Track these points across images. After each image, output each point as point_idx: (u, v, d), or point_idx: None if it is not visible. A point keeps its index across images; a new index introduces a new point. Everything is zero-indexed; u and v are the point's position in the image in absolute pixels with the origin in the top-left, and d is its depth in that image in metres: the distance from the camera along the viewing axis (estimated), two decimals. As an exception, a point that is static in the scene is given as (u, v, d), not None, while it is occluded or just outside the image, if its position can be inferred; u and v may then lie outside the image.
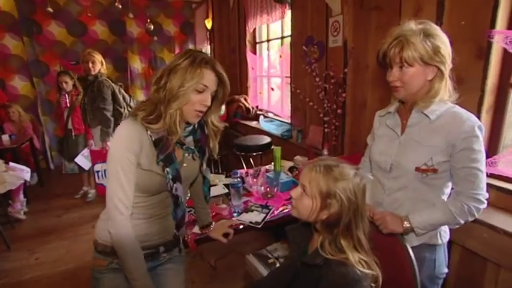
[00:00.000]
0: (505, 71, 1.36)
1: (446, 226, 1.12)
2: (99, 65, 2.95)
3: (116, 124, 2.90)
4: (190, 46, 5.17)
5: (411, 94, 1.05)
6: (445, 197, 1.09)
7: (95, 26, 4.65)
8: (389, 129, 1.18)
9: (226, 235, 1.35)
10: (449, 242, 1.16)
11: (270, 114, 3.73)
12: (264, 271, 1.77)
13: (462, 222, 1.02)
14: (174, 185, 1.00)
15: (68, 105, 3.34)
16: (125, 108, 2.99)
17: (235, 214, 1.58)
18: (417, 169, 1.04)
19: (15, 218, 3.04)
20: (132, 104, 3.11)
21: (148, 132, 0.96)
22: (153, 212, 1.05)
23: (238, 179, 1.58)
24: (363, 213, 0.93)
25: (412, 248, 1.06)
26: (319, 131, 2.52)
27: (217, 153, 1.17)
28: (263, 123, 3.49)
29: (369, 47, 2.01)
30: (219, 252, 2.38)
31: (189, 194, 1.50)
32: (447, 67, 1.00)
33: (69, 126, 3.37)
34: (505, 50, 1.31)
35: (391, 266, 1.03)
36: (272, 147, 2.92)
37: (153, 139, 0.96)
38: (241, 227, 1.49)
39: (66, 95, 3.35)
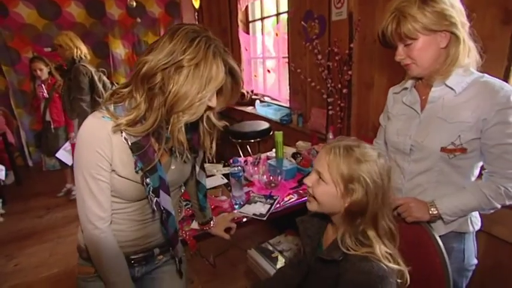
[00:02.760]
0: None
1: (477, 212, 1.05)
2: (69, 49, 2.73)
3: None
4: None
5: (425, 68, 0.98)
6: (473, 179, 1.02)
7: (69, 7, 4.42)
8: (406, 107, 1.11)
9: (228, 230, 1.27)
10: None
11: (267, 99, 3.63)
12: (267, 266, 1.71)
13: (499, 206, 0.96)
14: (156, 198, 0.84)
15: (46, 95, 3.16)
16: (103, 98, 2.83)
17: (236, 206, 1.50)
18: (443, 149, 0.97)
19: (-10, 220, 2.92)
20: None
21: (123, 134, 0.79)
22: (138, 217, 0.92)
23: (239, 167, 1.48)
24: (389, 200, 0.86)
25: (439, 237, 0.99)
26: (322, 114, 2.44)
27: (211, 153, 0.99)
28: (259, 108, 3.40)
29: (376, 20, 1.91)
30: (218, 248, 2.31)
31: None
32: (461, 28, 0.91)
33: (47, 118, 3.21)
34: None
35: (417, 258, 0.96)
36: (271, 133, 2.83)
37: (130, 143, 0.80)
38: (244, 220, 1.42)
39: (43, 85, 3.17)
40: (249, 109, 3.61)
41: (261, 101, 3.59)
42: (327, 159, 0.83)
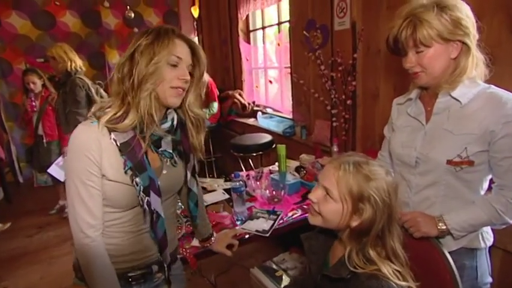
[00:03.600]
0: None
1: (488, 227, 1.08)
2: (62, 62, 2.77)
3: None
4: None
5: (434, 78, 1.01)
6: (482, 193, 1.05)
7: (64, 17, 4.55)
8: (411, 118, 1.14)
9: (230, 247, 1.30)
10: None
11: (269, 110, 3.69)
12: (271, 286, 1.72)
13: (510, 221, 0.98)
14: (147, 198, 0.89)
15: (35, 109, 3.23)
16: None
17: (238, 222, 1.53)
18: (449, 162, 1.00)
19: (-22, 240, 2.94)
20: None
21: (112, 135, 0.86)
22: (133, 228, 0.95)
23: (241, 182, 1.52)
24: (396, 217, 0.88)
25: (449, 253, 1.01)
26: (326, 126, 2.48)
27: (204, 154, 1.08)
28: (261, 120, 3.45)
29: (379, 29, 1.98)
30: (219, 267, 2.32)
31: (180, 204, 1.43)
32: (473, 39, 0.96)
33: (40, 131, 3.27)
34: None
35: (427, 275, 0.99)
36: (274, 146, 2.87)
37: (118, 143, 0.86)
38: (246, 236, 1.44)
39: (33, 97, 3.24)
40: (251, 121, 3.67)
41: (263, 113, 3.65)
42: (336, 176, 0.86)
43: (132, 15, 4.48)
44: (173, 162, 1.00)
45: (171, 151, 0.99)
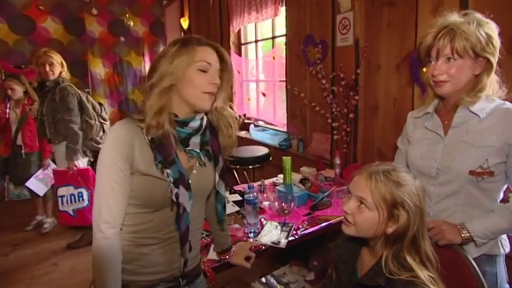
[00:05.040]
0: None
1: (505, 234, 1.15)
2: (59, 67, 2.77)
3: (86, 139, 2.75)
4: (162, 48, 5.09)
5: (456, 90, 1.08)
6: (497, 202, 1.13)
7: (45, 22, 4.43)
8: (429, 131, 1.20)
9: (247, 259, 1.31)
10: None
11: (261, 123, 3.72)
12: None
13: None
14: (176, 190, 0.92)
15: (7, 116, 3.10)
16: (95, 120, 2.81)
17: (251, 235, 1.53)
18: (471, 172, 1.06)
19: None
20: (104, 114, 2.93)
21: (144, 131, 0.91)
22: (161, 235, 0.96)
23: (254, 194, 1.52)
24: (426, 221, 0.93)
25: (472, 260, 1.07)
26: (325, 139, 2.55)
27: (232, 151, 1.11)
28: (255, 133, 3.48)
29: (380, 46, 2.09)
30: (217, 282, 2.26)
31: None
32: (496, 59, 1.05)
33: (19, 142, 3.11)
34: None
35: (453, 282, 1.02)
36: (270, 158, 2.90)
37: (149, 138, 0.91)
38: (263, 248, 1.44)
39: (9, 104, 3.10)
40: (243, 133, 3.68)
41: (255, 125, 3.68)
42: (369, 185, 0.89)
43: (131, 23, 4.45)
44: (201, 162, 1.02)
45: (198, 151, 1.01)
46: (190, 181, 0.96)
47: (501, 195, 1.13)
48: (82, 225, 2.80)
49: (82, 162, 2.74)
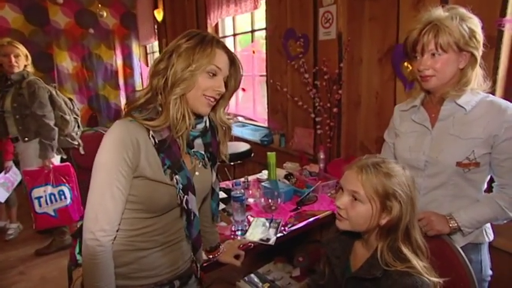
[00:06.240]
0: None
1: (489, 223, 1.20)
2: (24, 60, 2.62)
3: (61, 135, 2.61)
4: (134, 41, 4.94)
5: (442, 84, 1.12)
6: (482, 192, 1.18)
7: (2, 10, 4.16)
8: (416, 124, 1.24)
9: (237, 257, 1.30)
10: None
11: (240, 118, 3.70)
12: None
13: None
14: (186, 196, 0.90)
15: None
16: (70, 115, 2.68)
17: (239, 233, 1.51)
18: (458, 164, 1.11)
19: None
20: (76, 109, 2.80)
21: (151, 132, 0.86)
22: (163, 238, 0.95)
23: (241, 190, 1.50)
24: (417, 211, 0.95)
25: (458, 249, 1.11)
26: (308, 134, 2.56)
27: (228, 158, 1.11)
28: (235, 129, 3.44)
29: (362, 40, 2.12)
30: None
31: None
32: (480, 53, 1.09)
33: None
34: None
35: (443, 271, 1.06)
36: (252, 154, 2.88)
37: (156, 141, 0.87)
38: (251, 246, 1.43)
39: None
40: (222, 129, 3.63)
41: (234, 121, 3.65)
42: (360, 179, 0.91)
43: (105, 14, 4.25)
44: (204, 164, 1.01)
45: (203, 152, 1.00)
46: (193, 184, 0.95)
47: (485, 186, 1.18)
48: (55, 228, 2.68)
49: (56, 160, 2.61)
